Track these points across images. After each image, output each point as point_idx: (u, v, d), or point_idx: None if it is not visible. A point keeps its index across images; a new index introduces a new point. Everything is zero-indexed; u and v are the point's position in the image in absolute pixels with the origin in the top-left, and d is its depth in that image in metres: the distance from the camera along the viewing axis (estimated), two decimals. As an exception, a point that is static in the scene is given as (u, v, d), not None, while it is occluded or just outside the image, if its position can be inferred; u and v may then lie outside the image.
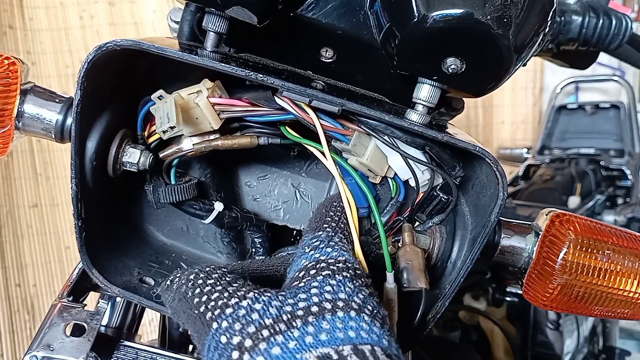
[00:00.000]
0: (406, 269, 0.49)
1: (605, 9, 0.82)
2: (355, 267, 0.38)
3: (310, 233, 0.43)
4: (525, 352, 1.27)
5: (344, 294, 0.34)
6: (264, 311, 0.32)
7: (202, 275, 0.36)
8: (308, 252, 0.39)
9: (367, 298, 0.35)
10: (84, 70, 0.44)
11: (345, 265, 0.37)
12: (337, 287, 0.35)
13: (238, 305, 0.33)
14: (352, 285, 0.35)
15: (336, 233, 0.42)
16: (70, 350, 0.51)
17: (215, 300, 0.34)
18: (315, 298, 0.33)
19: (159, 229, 0.62)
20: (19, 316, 2.40)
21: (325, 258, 0.38)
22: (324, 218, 0.44)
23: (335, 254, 0.39)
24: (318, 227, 0.43)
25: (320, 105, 0.46)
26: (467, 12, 0.40)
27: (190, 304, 0.34)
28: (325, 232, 0.42)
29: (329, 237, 0.41)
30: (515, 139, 3.03)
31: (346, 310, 0.32)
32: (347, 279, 0.36)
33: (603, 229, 0.52)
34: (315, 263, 0.38)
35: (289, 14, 0.50)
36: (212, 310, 0.33)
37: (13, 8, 2.46)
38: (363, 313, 0.33)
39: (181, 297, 0.36)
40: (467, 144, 0.44)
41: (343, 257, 0.38)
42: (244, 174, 0.66)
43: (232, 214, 0.58)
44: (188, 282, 0.36)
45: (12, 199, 2.43)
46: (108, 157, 0.51)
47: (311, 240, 0.41)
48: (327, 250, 0.39)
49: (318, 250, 0.39)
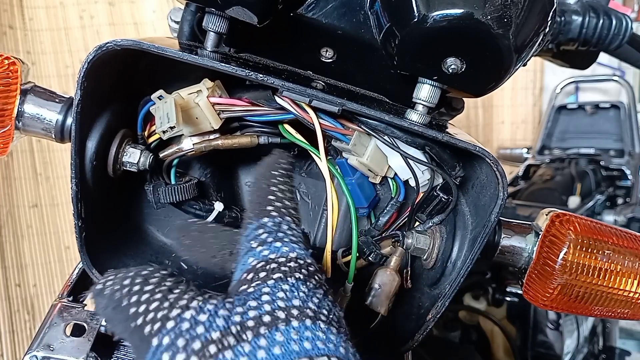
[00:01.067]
0: (375, 290, 0.52)
1: (605, 9, 0.82)
2: (307, 262, 0.35)
3: (253, 219, 0.38)
4: (525, 352, 1.27)
5: (298, 300, 0.31)
6: (209, 323, 0.29)
7: (138, 280, 0.32)
8: (255, 248, 0.36)
9: (322, 301, 0.32)
10: (84, 70, 0.44)
11: (298, 264, 0.34)
12: (290, 292, 0.32)
13: (180, 318, 0.29)
14: (306, 288, 0.33)
15: (283, 217, 0.38)
16: (70, 350, 0.51)
17: (154, 312, 0.30)
18: (267, 306, 0.31)
19: (159, 229, 0.62)
20: (19, 316, 2.40)
21: (276, 257, 0.35)
22: (267, 197, 0.40)
23: (285, 250, 0.35)
24: (262, 212, 0.39)
25: (320, 105, 0.46)
26: (467, 12, 0.40)
27: (126, 315, 0.31)
28: (271, 219, 0.38)
29: (276, 225, 0.37)
30: (515, 139, 3.03)
31: (301, 319, 0.30)
32: (300, 281, 0.33)
33: (603, 229, 0.52)
34: (264, 263, 0.34)
35: (289, 14, 0.50)
36: (152, 324, 0.30)
37: (13, 8, 2.46)
38: (319, 320, 0.31)
39: (115, 305, 0.32)
40: (467, 144, 0.44)
41: (294, 253, 0.35)
42: (244, 174, 0.66)
43: (232, 214, 0.58)
44: (123, 289, 0.32)
45: (12, 199, 2.43)
46: (108, 157, 0.51)
47: (257, 231, 0.37)
48: (276, 246, 0.35)
49: (266, 246, 0.36)
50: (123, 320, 0.31)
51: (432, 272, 0.55)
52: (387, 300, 0.52)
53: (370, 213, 0.59)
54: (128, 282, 0.32)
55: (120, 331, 0.31)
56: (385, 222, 0.57)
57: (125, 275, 0.33)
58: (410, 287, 0.55)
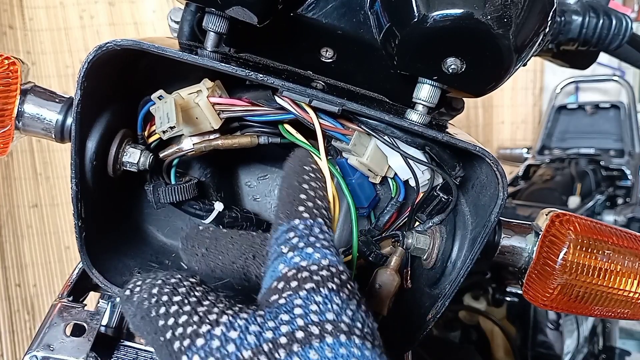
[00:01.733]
0: (375, 290, 0.52)
1: (605, 9, 0.82)
2: (340, 271, 0.33)
3: (284, 220, 0.37)
4: (525, 352, 1.27)
5: (332, 314, 0.30)
6: (241, 340, 0.28)
7: (166, 290, 0.31)
8: (286, 254, 0.34)
9: (355, 313, 0.31)
10: (84, 70, 0.44)
11: (330, 272, 0.33)
12: (323, 305, 0.30)
13: (211, 335, 0.28)
14: (339, 299, 0.31)
15: (315, 219, 0.36)
16: (70, 350, 0.51)
17: (183, 326, 0.29)
18: (300, 320, 0.29)
19: (159, 229, 0.62)
20: (19, 316, 2.40)
21: (307, 264, 0.33)
22: (299, 196, 0.38)
23: (317, 257, 0.34)
24: (293, 212, 0.37)
25: (320, 105, 0.46)
26: (467, 12, 0.40)
27: (155, 327, 0.30)
28: (302, 221, 0.36)
29: (307, 228, 0.35)
30: (515, 139, 3.03)
31: (335, 335, 0.29)
32: (333, 292, 0.31)
33: (603, 229, 0.52)
34: (296, 271, 0.33)
35: (289, 14, 0.50)
36: (181, 340, 0.29)
37: (13, 8, 2.46)
38: (353, 335, 0.29)
39: (144, 315, 0.31)
40: (467, 144, 0.44)
41: (327, 260, 0.34)
42: (244, 174, 0.66)
43: (232, 214, 0.58)
44: (151, 298, 0.31)
45: (12, 199, 2.43)
46: (108, 157, 0.51)
47: (288, 234, 0.35)
48: (307, 252, 0.34)
49: (297, 252, 0.34)
50: (152, 332, 0.30)
51: (432, 272, 0.55)
52: (386, 300, 0.52)
53: (370, 213, 0.59)
54: (156, 290, 0.31)
55: (149, 341, 0.31)
56: (385, 222, 0.57)
57: (154, 283, 0.32)
58: (410, 287, 0.55)
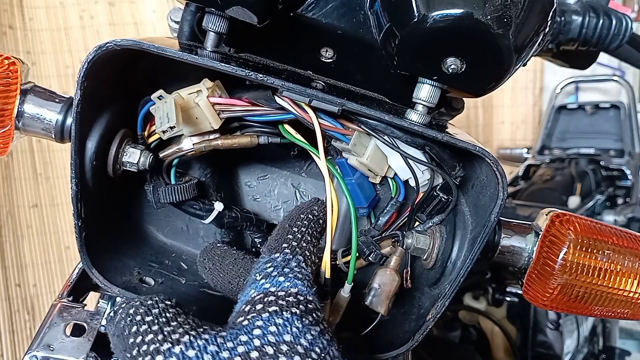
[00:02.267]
0: (375, 290, 0.52)
1: (605, 9, 0.82)
2: (307, 299, 0.34)
3: (266, 254, 0.39)
4: (525, 352, 1.27)
5: (290, 336, 0.31)
6: (197, 359, 0.29)
7: (141, 311, 0.33)
8: (259, 281, 0.36)
9: (316, 339, 0.32)
10: (84, 70, 0.44)
11: (296, 299, 0.34)
12: (282, 327, 0.31)
13: (170, 352, 0.30)
14: (301, 324, 0.32)
15: (295, 255, 0.39)
16: (70, 350, 0.51)
17: (147, 344, 0.31)
18: (257, 341, 0.30)
19: (159, 229, 0.62)
20: (19, 316, 2.40)
21: (275, 290, 0.35)
22: (285, 236, 0.41)
23: (287, 285, 0.35)
24: (276, 247, 0.39)
25: (320, 105, 0.46)
26: (467, 12, 0.40)
27: (125, 344, 0.32)
28: (282, 255, 0.38)
29: (285, 261, 0.38)
30: (515, 139, 3.03)
31: (289, 356, 0.30)
32: (295, 316, 0.32)
33: (603, 229, 0.52)
34: (263, 296, 0.34)
35: (289, 14, 0.50)
36: (143, 356, 0.30)
37: (13, 8, 2.46)
38: (309, 358, 0.30)
39: (119, 333, 0.33)
40: (467, 144, 0.44)
41: (296, 289, 0.35)
42: (244, 174, 0.66)
43: (232, 214, 0.58)
44: (127, 318, 0.33)
45: (12, 199, 2.43)
46: (108, 157, 0.51)
47: (265, 265, 0.38)
48: (279, 280, 0.36)
49: (269, 280, 0.36)
50: (123, 350, 0.32)
51: (432, 272, 0.55)
52: (387, 300, 0.52)
53: (370, 213, 0.59)
54: (132, 311, 0.33)
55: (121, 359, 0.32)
56: (385, 222, 0.57)
57: (132, 304, 0.34)
58: (410, 287, 0.55)
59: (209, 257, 0.48)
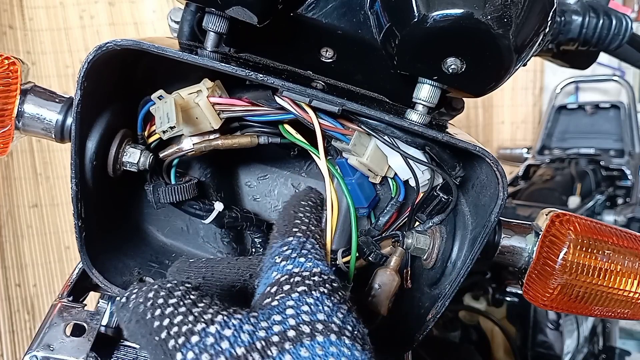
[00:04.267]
0: (375, 290, 0.52)
1: (605, 9, 0.82)
2: (331, 279, 0.35)
3: (279, 239, 0.39)
4: (525, 352, 1.27)
5: (323, 315, 0.31)
6: (234, 338, 0.29)
7: (162, 294, 0.32)
8: (279, 263, 0.36)
9: (346, 317, 0.32)
10: (84, 70, 0.44)
11: (322, 279, 0.34)
12: (314, 306, 0.31)
13: (205, 332, 0.29)
14: (331, 302, 0.32)
15: (308, 238, 0.38)
16: (70, 350, 0.51)
17: (178, 326, 0.30)
18: (292, 320, 0.30)
19: (159, 229, 0.62)
20: (19, 316, 2.40)
21: (299, 270, 0.34)
22: (293, 221, 0.40)
23: (309, 265, 0.35)
24: (287, 232, 0.39)
25: (320, 105, 0.46)
26: (467, 12, 0.40)
27: (150, 328, 0.30)
28: (296, 238, 0.38)
29: (300, 243, 0.37)
30: (515, 139, 3.03)
31: (326, 334, 0.30)
32: (324, 295, 0.32)
33: (603, 229, 0.52)
34: (288, 277, 0.34)
35: (289, 14, 0.50)
36: (176, 338, 0.29)
37: (13, 8, 2.46)
38: (343, 336, 0.30)
39: (139, 318, 0.31)
40: (467, 144, 0.44)
41: (318, 269, 0.35)
42: (244, 174, 0.66)
43: (232, 214, 0.58)
44: (147, 301, 0.32)
45: (12, 199, 2.43)
46: (108, 157, 0.51)
47: (281, 248, 0.37)
48: (300, 261, 0.35)
49: (290, 261, 0.35)
50: (147, 334, 0.30)
51: (432, 272, 0.55)
52: (387, 300, 0.52)
53: (370, 213, 0.59)
54: (152, 295, 0.32)
55: (143, 344, 0.31)
56: (385, 222, 0.57)
57: (150, 288, 0.33)
58: (410, 287, 0.55)
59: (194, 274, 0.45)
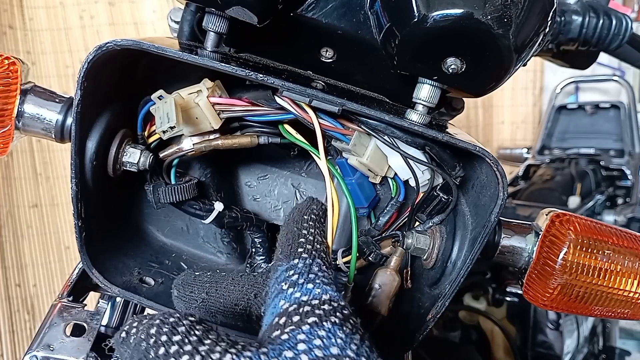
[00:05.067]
0: (375, 290, 0.52)
1: (605, 9, 0.82)
2: (341, 305, 0.33)
3: (284, 261, 0.37)
4: (525, 352, 1.27)
5: (336, 348, 0.29)
6: None
7: (165, 329, 0.30)
8: (287, 290, 0.34)
9: (360, 347, 0.30)
10: (84, 70, 0.44)
11: (332, 307, 0.32)
12: (327, 339, 0.29)
13: None
14: (343, 334, 0.30)
15: (314, 259, 0.37)
16: (70, 350, 0.51)
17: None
18: (305, 357, 0.28)
19: (159, 229, 0.62)
20: (19, 316, 2.40)
21: (308, 299, 0.33)
22: (297, 240, 0.39)
23: (318, 292, 0.33)
24: (292, 253, 0.37)
25: (320, 105, 0.46)
26: (467, 12, 0.40)
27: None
28: (302, 260, 0.36)
29: (306, 266, 0.36)
30: (515, 139, 3.03)
31: None
32: (336, 326, 0.31)
33: (603, 229, 0.52)
34: (297, 306, 0.32)
35: (289, 14, 0.50)
36: None
37: (13, 8, 2.46)
38: None
39: (141, 357, 0.30)
40: (467, 144, 0.44)
41: (327, 295, 0.33)
42: (244, 174, 0.66)
43: (232, 214, 0.58)
44: (149, 339, 0.30)
45: (12, 199, 2.43)
46: (108, 157, 0.51)
47: (287, 272, 0.35)
48: (308, 288, 0.34)
49: (298, 288, 0.34)
50: None
51: (432, 272, 0.55)
52: (387, 300, 0.52)
53: (370, 213, 0.59)
54: (154, 331, 0.30)
55: None
56: (385, 222, 0.57)
57: (151, 323, 0.31)
58: (410, 287, 0.55)
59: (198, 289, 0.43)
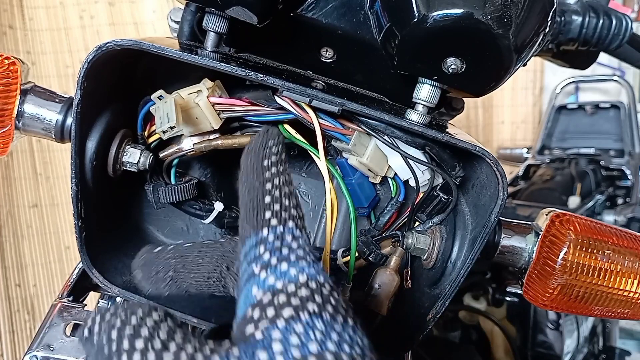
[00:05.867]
0: (375, 290, 0.52)
1: (605, 9, 0.82)
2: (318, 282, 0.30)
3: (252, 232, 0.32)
4: (525, 352, 1.27)
5: (315, 344, 0.26)
6: None
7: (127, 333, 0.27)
8: (259, 275, 0.30)
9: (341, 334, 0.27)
10: (84, 70, 0.44)
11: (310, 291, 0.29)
12: (305, 335, 0.26)
13: None
14: (322, 323, 0.27)
15: (285, 224, 0.32)
16: (70, 350, 0.51)
17: None
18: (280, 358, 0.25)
19: (159, 229, 0.62)
20: (19, 316, 2.40)
21: (283, 285, 0.29)
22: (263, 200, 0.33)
23: (293, 273, 0.30)
24: (260, 222, 0.32)
25: (320, 105, 0.46)
26: (467, 12, 0.40)
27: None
28: (271, 231, 0.31)
29: (278, 238, 0.31)
30: (515, 139, 3.03)
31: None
32: (315, 315, 0.28)
33: (603, 229, 0.52)
34: (271, 295, 0.29)
35: (289, 14, 0.50)
36: None
37: (13, 8, 2.46)
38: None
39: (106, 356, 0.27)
40: (467, 144, 0.44)
41: (304, 277, 0.30)
42: (244, 174, 0.66)
43: (232, 214, 0.58)
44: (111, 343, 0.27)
45: (12, 199, 2.43)
46: (108, 157, 0.51)
47: (257, 248, 0.31)
48: (282, 270, 0.30)
49: (271, 271, 0.30)
50: None
51: (432, 272, 0.55)
52: (386, 300, 0.52)
53: (370, 213, 0.59)
54: (115, 335, 0.27)
55: None
56: (385, 222, 0.57)
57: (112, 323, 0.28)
58: (410, 287, 0.55)
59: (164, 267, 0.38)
